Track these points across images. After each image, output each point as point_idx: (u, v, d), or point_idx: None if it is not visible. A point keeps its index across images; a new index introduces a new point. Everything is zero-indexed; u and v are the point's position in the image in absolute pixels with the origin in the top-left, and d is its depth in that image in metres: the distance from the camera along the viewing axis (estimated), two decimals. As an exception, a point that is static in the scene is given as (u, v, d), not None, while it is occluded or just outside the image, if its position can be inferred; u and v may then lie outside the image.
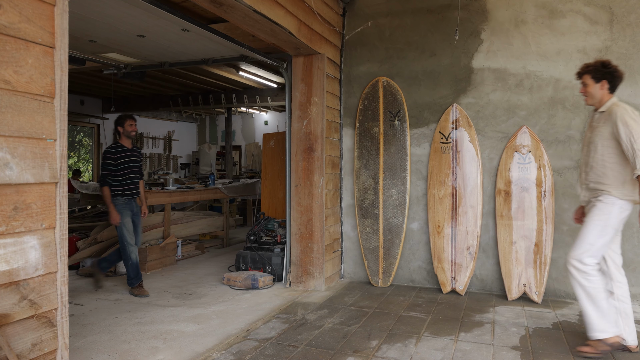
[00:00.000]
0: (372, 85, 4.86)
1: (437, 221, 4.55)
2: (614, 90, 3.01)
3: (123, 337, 3.28)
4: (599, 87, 2.99)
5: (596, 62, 3.02)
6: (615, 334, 2.92)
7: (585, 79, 3.02)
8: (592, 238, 2.94)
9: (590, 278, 2.91)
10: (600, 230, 2.93)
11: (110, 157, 4.40)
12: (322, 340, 3.21)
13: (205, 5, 3.14)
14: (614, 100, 2.98)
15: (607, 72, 2.96)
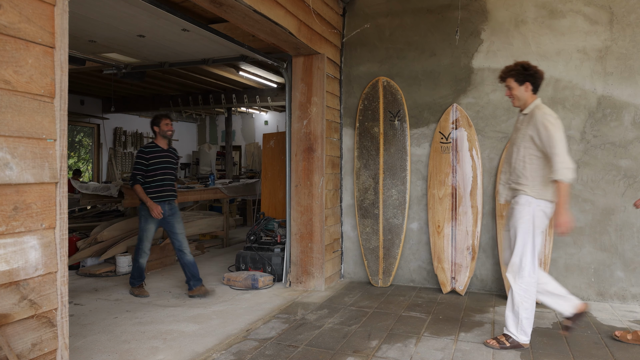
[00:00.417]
0: (372, 85, 4.86)
1: (437, 221, 4.55)
2: (537, 91, 3.11)
3: (123, 337, 3.28)
4: (523, 89, 3.08)
5: (517, 65, 3.10)
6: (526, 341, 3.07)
7: (509, 82, 3.10)
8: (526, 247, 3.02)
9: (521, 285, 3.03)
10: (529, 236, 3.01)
11: (143, 156, 4.27)
12: (322, 340, 3.21)
13: (205, 5, 3.14)
14: (537, 102, 3.08)
15: (529, 75, 3.05)
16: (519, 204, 3.04)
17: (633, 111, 4.11)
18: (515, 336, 3.05)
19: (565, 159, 2.84)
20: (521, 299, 3.02)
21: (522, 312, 3.02)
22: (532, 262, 3.00)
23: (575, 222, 4.25)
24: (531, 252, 3.00)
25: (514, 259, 3.04)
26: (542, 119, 2.93)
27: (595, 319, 3.72)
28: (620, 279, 4.13)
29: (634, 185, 4.10)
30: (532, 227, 2.99)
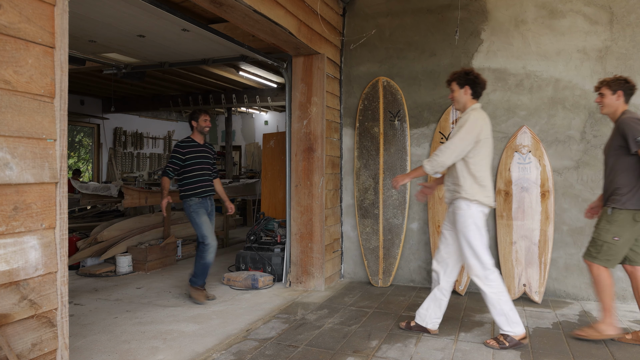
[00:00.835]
0: (372, 85, 4.86)
1: (437, 221, 4.54)
2: (477, 97, 3.21)
3: (123, 337, 3.28)
4: (462, 93, 3.19)
5: (461, 70, 3.24)
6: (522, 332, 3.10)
7: (452, 86, 3.24)
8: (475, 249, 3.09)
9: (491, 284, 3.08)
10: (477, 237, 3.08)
11: (179, 150, 4.16)
12: (322, 340, 3.21)
13: (205, 5, 3.14)
14: (475, 106, 3.18)
15: (469, 79, 3.17)
16: (460, 208, 3.12)
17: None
18: (511, 332, 3.06)
19: (440, 154, 3.02)
20: (497, 296, 3.07)
21: (504, 307, 3.07)
22: (488, 258, 3.09)
23: (576, 222, 4.25)
24: (483, 250, 3.08)
25: (473, 263, 3.10)
26: (467, 119, 3.07)
27: (596, 319, 3.72)
28: (620, 279, 4.13)
29: (634, 185, 4.10)
30: (475, 228, 3.09)
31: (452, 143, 3.02)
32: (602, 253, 3.13)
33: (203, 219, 4.14)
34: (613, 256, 3.10)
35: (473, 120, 3.05)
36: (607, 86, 3.21)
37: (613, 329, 3.16)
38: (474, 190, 3.07)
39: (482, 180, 3.08)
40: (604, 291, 3.15)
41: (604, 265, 3.13)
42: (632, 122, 3.00)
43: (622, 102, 3.18)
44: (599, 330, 3.17)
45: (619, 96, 3.17)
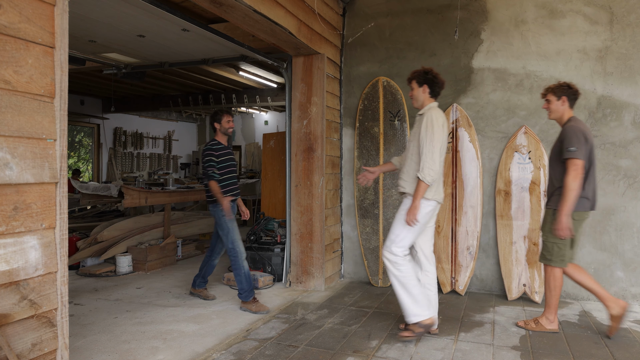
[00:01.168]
0: (372, 85, 4.86)
1: (437, 221, 4.54)
2: (435, 95, 3.32)
3: (123, 337, 3.28)
4: (421, 91, 3.30)
5: (421, 69, 3.33)
6: (429, 316, 3.18)
7: (412, 84, 3.34)
8: (398, 230, 3.20)
9: (400, 267, 3.17)
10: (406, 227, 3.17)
11: (212, 153, 4.00)
12: (322, 340, 3.21)
13: (205, 5, 3.14)
14: (432, 104, 3.28)
15: (428, 78, 3.28)
16: (407, 198, 3.24)
17: (633, 111, 4.11)
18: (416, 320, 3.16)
19: (430, 161, 3.07)
20: (404, 281, 3.17)
21: (412, 290, 3.16)
22: (399, 249, 3.18)
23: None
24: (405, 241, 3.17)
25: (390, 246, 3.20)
26: (429, 119, 3.14)
27: (595, 319, 3.72)
28: (620, 279, 4.13)
29: (634, 185, 4.10)
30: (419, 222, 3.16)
31: (430, 147, 3.08)
32: (554, 254, 3.28)
33: (234, 224, 3.98)
34: (564, 255, 3.26)
35: (435, 117, 3.14)
36: (552, 92, 3.38)
37: (554, 325, 3.38)
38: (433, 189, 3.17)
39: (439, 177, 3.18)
40: (554, 289, 3.33)
41: (559, 266, 3.28)
42: (572, 131, 3.19)
43: (567, 107, 3.35)
44: (540, 324, 3.40)
45: (563, 102, 3.34)
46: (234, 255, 3.90)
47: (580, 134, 3.16)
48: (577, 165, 3.11)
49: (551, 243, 3.28)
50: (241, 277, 3.88)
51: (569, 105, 3.34)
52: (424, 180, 3.07)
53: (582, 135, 3.17)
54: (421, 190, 3.10)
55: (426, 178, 3.07)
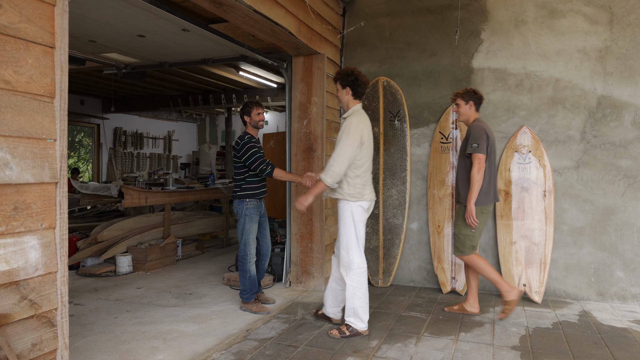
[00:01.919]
0: (372, 85, 4.86)
1: (437, 221, 4.54)
2: (358, 97, 3.36)
3: (123, 337, 3.28)
4: (344, 93, 3.36)
5: (344, 70, 3.37)
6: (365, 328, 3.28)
7: (337, 85, 3.41)
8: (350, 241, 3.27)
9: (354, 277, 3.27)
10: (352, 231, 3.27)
11: (254, 145, 3.82)
12: (322, 340, 3.21)
13: (205, 5, 3.14)
14: (355, 107, 3.34)
15: (350, 80, 3.32)
16: (340, 202, 3.32)
17: (633, 111, 4.11)
18: (353, 324, 3.26)
19: (335, 164, 3.15)
20: (354, 290, 3.25)
21: (356, 302, 3.25)
22: (358, 254, 3.27)
23: (576, 222, 4.25)
24: (355, 244, 3.26)
25: (343, 254, 3.29)
26: (346, 125, 3.21)
27: (595, 319, 3.72)
28: (620, 279, 4.13)
29: (634, 185, 4.11)
30: (352, 222, 3.25)
31: (340, 151, 3.15)
32: (466, 245, 3.64)
33: (255, 227, 3.87)
34: (474, 244, 3.65)
35: (355, 125, 3.20)
36: (460, 97, 3.73)
37: (514, 291, 3.58)
38: (353, 189, 3.25)
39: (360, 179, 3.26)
40: (484, 269, 3.63)
41: (470, 253, 3.65)
42: (477, 130, 3.54)
43: (473, 110, 3.74)
44: (509, 301, 3.58)
45: (470, 105, 3.72)
46: (242, 257, 3.86)
47: (483, 132, 3.54)
48: (481, 159, 3.49)
49: (463, 235, 3.63)
50: (245, 279, 3.85)
51: (475, 109, 3.74)
52: (324, 181, 3.18)
53: (485, 133, 3.54)
54: (319, 187, 3.23)
55: (327, 179, 3.18)
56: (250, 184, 3.86)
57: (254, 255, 3.89)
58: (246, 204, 3.83)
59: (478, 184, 3.50)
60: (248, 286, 3.84)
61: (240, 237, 3.86)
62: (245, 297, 3.86)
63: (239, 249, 3.88)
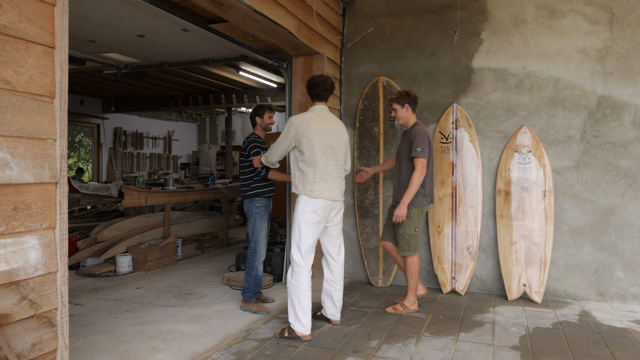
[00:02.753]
0: (372, 85, 4.86)
1: (437, 221, 4.54)
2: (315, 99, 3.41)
3: (123, 337, 3.28)
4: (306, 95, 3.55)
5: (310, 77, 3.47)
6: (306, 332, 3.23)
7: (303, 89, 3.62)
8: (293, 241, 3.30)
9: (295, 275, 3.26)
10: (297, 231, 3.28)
11: (260, 145, 3.92)
12: (322, 340, 3.21)
13: (205, 5, 3.14)
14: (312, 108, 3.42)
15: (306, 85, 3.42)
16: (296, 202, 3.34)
17: (633, 111, 4.11)
18: (293, 325, 3.23)
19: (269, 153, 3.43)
20: (293, 289, 3.25)
21: (295, 302, 3.23)
22: (297, 250, 3.26)
23: (576, 222, 4.25)
24: (297, 241, 3.26)
25: (294, 251, 3.30)
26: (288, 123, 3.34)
27: (595, 319, 3.72)
28: (620, 279, 4.13)
29: (634, 185, 4.11)
30: (299, 221, 3.25)
31: (275, 144, 3.38)
32: (411, 245, 3.78)
33: (265, 225, 3.97)
34: (417, 244, 3.84)
35: (290, 123, 3.30)
36: (396, 102, 3.81)
37: (416, 306, 3.86)
38: (302, 185, 3.28)
39: (310, 175, 3.26)
40: (414, 274, 3.84)
41: (414, 254, 3.81)
42: (420, 134, 3.67)
43: (410, 112, 3.83)
44: (406, 307, 3.82)
45: (407, 108, 3.81)
46: (252, 255, 3.90)
47: (426, 137, 3.68)
48: (424, 164, 3.64)
49: (408, 236, 3.76)
50: (251, 277, 3.87)
51: (412, 111, 3.83)
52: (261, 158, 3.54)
53: (427, 138, 3.68)
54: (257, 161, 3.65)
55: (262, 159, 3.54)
56: (258, 182, 3.94)
57: (264, 255, 3.95)
58: (256, 203, 3.93)
59: (417, 187, 3.65)
60: (252, 284, 3.87)
61: (251, 235, 3.93)
62: (247, 296, 3.88)
63: (249, 247, 3.94)
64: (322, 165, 3.28)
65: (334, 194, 3.34)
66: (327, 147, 3.31)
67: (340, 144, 3.42)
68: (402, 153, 3.82)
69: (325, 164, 3.29)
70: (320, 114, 3.37)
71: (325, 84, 3.39)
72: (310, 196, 3.25)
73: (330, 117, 3.42)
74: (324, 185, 3.28)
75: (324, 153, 3.29)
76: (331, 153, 3.33)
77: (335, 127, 3.41)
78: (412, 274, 3.83)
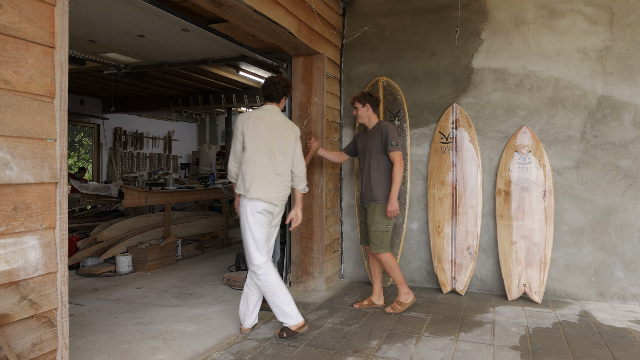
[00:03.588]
0: (372, 85, 4.86)
1: (437, 221, 4.54)
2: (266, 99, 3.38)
3: (123, 337, 3.28)
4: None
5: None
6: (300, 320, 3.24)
7: None
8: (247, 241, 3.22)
9: (260, 277, 3.19)
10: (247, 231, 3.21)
11: None
12: (322, 340, 3.21)
13: (205, 5, 3.14)
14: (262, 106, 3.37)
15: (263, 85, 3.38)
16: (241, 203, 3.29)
17: (633, 111, 4.11)
18: (285, 323, 3.22)
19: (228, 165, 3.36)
20: (268, 291, 3.20)
21: (275, 300, 3.19)
22: (256, 252, 3.19)
23: (576, 222, 4.25)
24: (253, 244, 3.19)
25: (247, 255, 3.25)
26: None
27: (595, 319, 3.72)
28: (620, 279, 4.13)
29: (634, 185, 4.11)
30: (247, 223, 3.19)
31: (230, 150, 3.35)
32: (384, 242, 3.78)
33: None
34: (390, 240, 3.83)
35: (237, 121, 3.28)
36: (358, 101, 3.91)
37: (411, 296, 3.87)
38: (242, 184, 3.22)
39: (248, 174, 3.18)
40: (394, 269, 3.83)
41: (387, 251, 3.80)
42: (392, 128, 3.77)
43: (371, 112, 3.92)
44: (403, 302, 3.83)
45: (367, 108, 3.90)
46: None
47: (396, 131, 3.78)
48: (401, 156, 3.71)
49: (381, 233, 3.76)
50: None
51: (373, 111, 3.91)
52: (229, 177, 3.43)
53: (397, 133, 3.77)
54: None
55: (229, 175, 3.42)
56: None
57: (278, 252, 3.93)
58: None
59: (400, 180, 3.71)
60: None
61: None
62: None
63: None
64: (261, 164, 3.18)
65: (272, 197, 3.20)
66: (270, 146, 3.21)
67: (287, 145, 3.28)
68: (371, 149, 3.84)
69: (265, 163, 3.19)
70: (268, 114, 3.28)
71: (277, 85, 3.31)
72: (247, 196, 3.15)
73: (278, 117, 3.30)
74: (261, 186, 3.16)
75: (265, 152, 3.19)
76: (275, 154, 3.22)
77: (283, 128, 3.28)
78: (393, 269, 3.83)
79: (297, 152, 3.36)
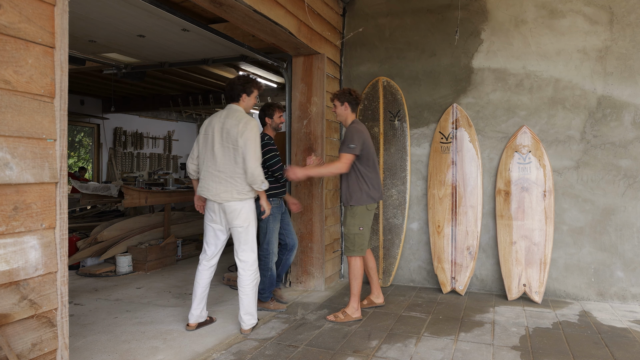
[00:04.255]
0: (372, 85, 4.86)
1: (437, 221, 4.54)
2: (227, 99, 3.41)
3: (123, 337, 3.28)
4: None
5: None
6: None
7: None
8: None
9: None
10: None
11: (273, 148, 3.85)
12: (322, 340, 3.21)
13: (205, 5, 3.14)
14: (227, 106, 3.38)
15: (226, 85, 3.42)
16: None
17: (633, 111, 4.11)
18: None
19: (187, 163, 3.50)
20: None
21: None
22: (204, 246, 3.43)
23: (576, 222, 4.25)
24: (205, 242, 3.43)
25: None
26: None
27: (595, 319, 3.72)
28: (620, 279, 4.13)
29: (634, 185, 4.11)
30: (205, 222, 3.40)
31: None
32: (356, 245, 3.64)
33: (277, 225, 3.89)
34: (364, 244, 3.66)
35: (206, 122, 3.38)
36: (336, 99, 3.77)
37: (358, 313, 3.66)
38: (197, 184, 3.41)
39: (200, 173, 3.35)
40: (358, 278, 3.67)
41: (360, 255, 3.66)
42: (352, 131, 3.59)
43: (349, 111, 3.76)
44: (348, 315, 3.64)
45: (346, 107, 3.74)
46: (265, 255, 3.83)
47: (360, 134, 3.58)
48: (350, 160, 3.55)
49: (353, 235, 3.63)
50: (265, 277, 3.83)
51: (351, 110, 3.76)
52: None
53: (362, 135, 3.58)
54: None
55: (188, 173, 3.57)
56: (272, 183, 3.86)
57: (277, 254, 3.92)
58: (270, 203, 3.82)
59: (327, 173, 3.69)
60: (267, 284, 3.84)
61: (264, 237, 3.85)
62: (264, 297, 3.86)
63: (261, 248, 3.84)
64: (206, 163, 3.28)
65: (213, 194, 3.21)
66: (213, 144, 3.22)
67: (233, 142, 3.17)
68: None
69: (208, 161, 3.26)
70: (224, 112, 3.30)
71: (234, 85, 3.34)
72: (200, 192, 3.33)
73: (234, 115, 3.24)
74: (204, 183, 3.29)
75: (210, 150, 3.25)
76: (218, 151, 3.20)
77: (234, 126, 3.17)
78: (356, 277, 3.65)
79: (248, 149, 3.14)
